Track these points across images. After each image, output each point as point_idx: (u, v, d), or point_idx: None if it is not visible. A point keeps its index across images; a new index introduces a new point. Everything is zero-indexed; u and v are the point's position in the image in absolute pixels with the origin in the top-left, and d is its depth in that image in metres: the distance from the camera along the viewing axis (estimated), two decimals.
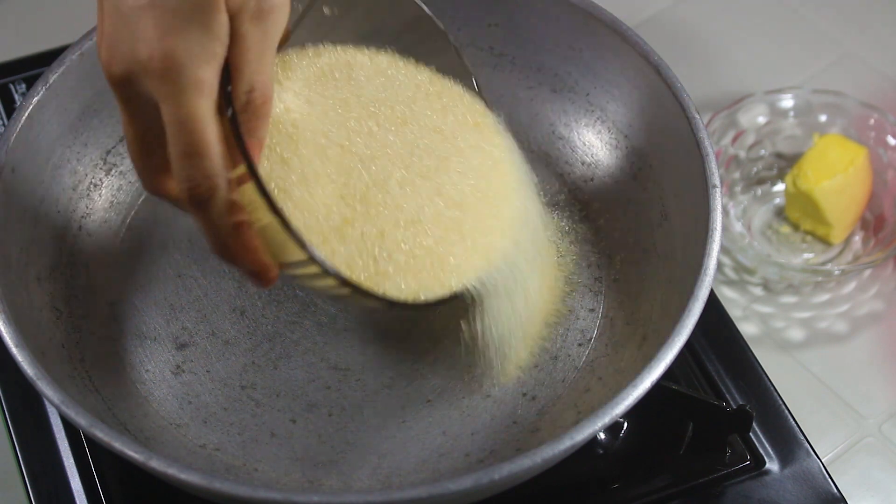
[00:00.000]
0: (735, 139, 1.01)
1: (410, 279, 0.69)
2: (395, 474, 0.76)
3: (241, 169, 0.62)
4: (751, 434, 0.82)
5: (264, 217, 0.63)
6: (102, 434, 0.67)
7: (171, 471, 0.66)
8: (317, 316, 0.81)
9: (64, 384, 0.72)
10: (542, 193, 0.88)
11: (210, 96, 0.60)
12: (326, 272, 0.64)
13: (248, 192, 0.63)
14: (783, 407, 0.84)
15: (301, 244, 0.63)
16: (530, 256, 0.75)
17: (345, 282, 0.65)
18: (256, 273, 0.65)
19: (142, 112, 0.62)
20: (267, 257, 0.65)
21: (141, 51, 0.59)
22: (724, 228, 0.82)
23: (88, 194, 0.85)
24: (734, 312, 0.93)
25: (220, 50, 0.60)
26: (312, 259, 0.63)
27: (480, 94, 0.79)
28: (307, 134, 0.70)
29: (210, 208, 0.62)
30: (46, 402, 0.81)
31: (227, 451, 0.77)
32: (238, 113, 0.62)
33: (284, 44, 0.71)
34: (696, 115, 0.80)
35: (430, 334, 0.81)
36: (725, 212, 0.97)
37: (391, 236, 0.69)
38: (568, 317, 0.82)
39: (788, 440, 0.82)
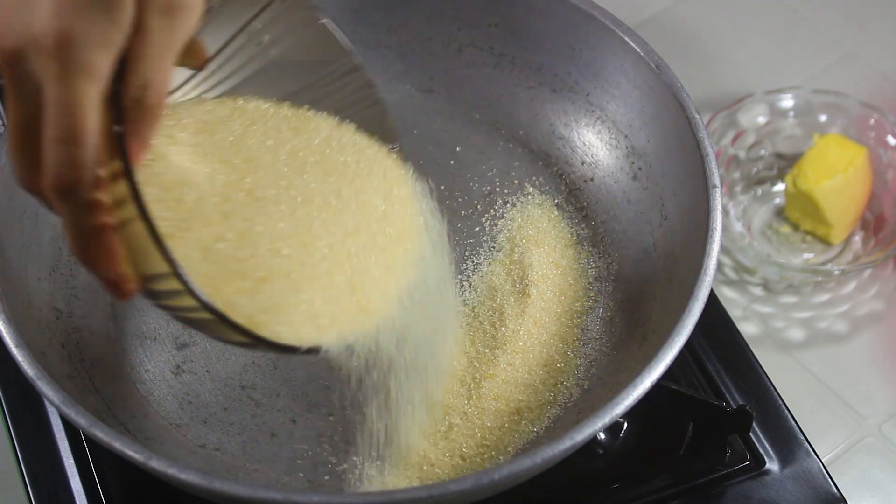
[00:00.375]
0: (735, 139, 1.01)
1: (279, 321, 0.65)
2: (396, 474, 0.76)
3: (115, 165, 0.58)
4: (751, 434, 0.82)
5: (132, 222, 0.59)
6: (102, 434, 0.67)
7: (171, 471, 0.66)
8: None
9: (64, 384, 0.72)
10: (542, 193, 0.88)
11: (98, 84, 0.57)
12: (189, 291, 0.60)
13: (119, 193, 0.59)
14: (783, 407, 0.84)
15: (166, 254, 0.59)
16: (422, 326, 0.71)
17: (207, 306, 0.61)
18: (113, 283, 0.61)
19: (28, 95, 0.58)
20: (127, 267, 0.61)
21: (35, 26, 0.56)
22: (724, 228, 0.82)
23: None
24: (734, 312, 0.93)
25: (119, 38, 0.57)
26: (176, 274, 0.59)
27: (400, 153, 0.75)
28: (194, 177, 0.67)
29: (73, 201, 0.58)
30: (46, 402, 0.81)
31: (227, 451, 0.77)
32: (127, 109, 0.59)
33: (204, 66, 0.68)
34: (696, 115, 0.80)
35: None
36: (725, 212, 0.97)
37: (264, 277, 0.66)
38: (568, 317, 0.82)
39: (788, 440, 0.82)
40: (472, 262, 0.85)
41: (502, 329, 0.80)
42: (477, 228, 0.87)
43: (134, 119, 0.59)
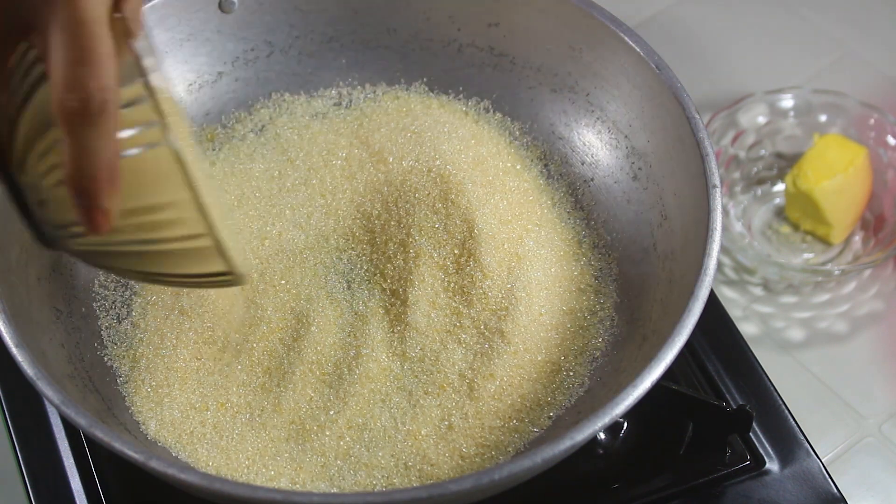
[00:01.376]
0: (735, 139, 1.01)
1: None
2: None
3: (135, 86, 0.58)
4: (751, 434, 0.82)
5: (151, 147, 0.59)
6: (102, 434, 0.67)
7: (171, 471, 0.66)
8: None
9: (64, 384, 0.72)
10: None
11: (106, 4, 0.57)
12: (202, 212, 0.61)
13: (137, 116, 0.59)
14: (783, 407, 0.84)
15: (190, 177, 0.59)
16: None
17: (213, 229, 0.62)
18: (102, 213, 0.60)
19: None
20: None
21: None
22: (724, 228, 0.82)
23: None
24: (734, 312, 0.93)
25: None
26: (197, 198, 0.60)
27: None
28: None
29: (100, 126, 0.56)
30: (46, 402, 0.81)
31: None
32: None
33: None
34: (696, 115, 0.80)
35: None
36: (725, 212, 0.97)
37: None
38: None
39: (788, 440, 0.82)
40: (473, 262, 0.85)
41: (502, 329, 0.80)
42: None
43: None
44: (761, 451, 0.81)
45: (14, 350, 0.70)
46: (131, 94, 0.59)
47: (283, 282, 0.83)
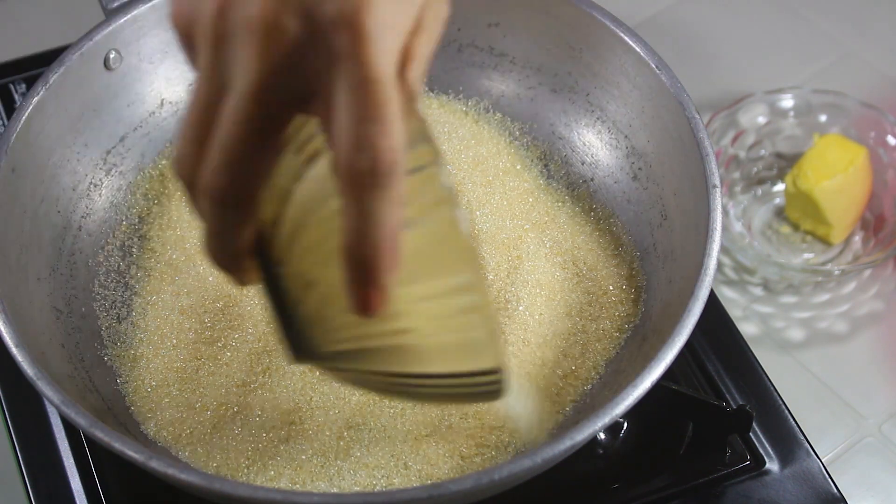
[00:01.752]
0: (735, 139, 1.01)
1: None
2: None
3: (420, 154, 0.55)
4: (751, 434, 0.82)
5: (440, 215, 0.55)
6: (102, 434, 0.67)
7: (171, 471, 0.66)
8: None
9: (64, 384, 0.72)
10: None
11: (395, 63, 0.53)
12: (486, 295, 0.56)
13: (415, 185, 0.55)
14: (783, 407, 0.84)
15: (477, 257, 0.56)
16: None
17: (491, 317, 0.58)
18: (381, 290, 0.55)
19: (220, 78, 0.53)
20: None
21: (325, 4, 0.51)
22: (724, 228, 0.82)
23: (88, 194, 0.85)
24: (734, 312, 0.93)
25: (414, 12, 0.55)
26: (482, 279, 0.55)
27: None
28: None
29: (388, 189, 0.52)
30: (46, 402, 0.81)
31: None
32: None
33: None
34: (696, 115, 0.80)
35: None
36: (725, 212, 0.97)
37: None
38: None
39: (788, 440, 0.82)
40: None
41: (502, 329, 0.80)
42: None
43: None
44: (761, 451, 0.81)
45: (14, 350, 0.70)
46: (414, 161, 0.55)
47: None
